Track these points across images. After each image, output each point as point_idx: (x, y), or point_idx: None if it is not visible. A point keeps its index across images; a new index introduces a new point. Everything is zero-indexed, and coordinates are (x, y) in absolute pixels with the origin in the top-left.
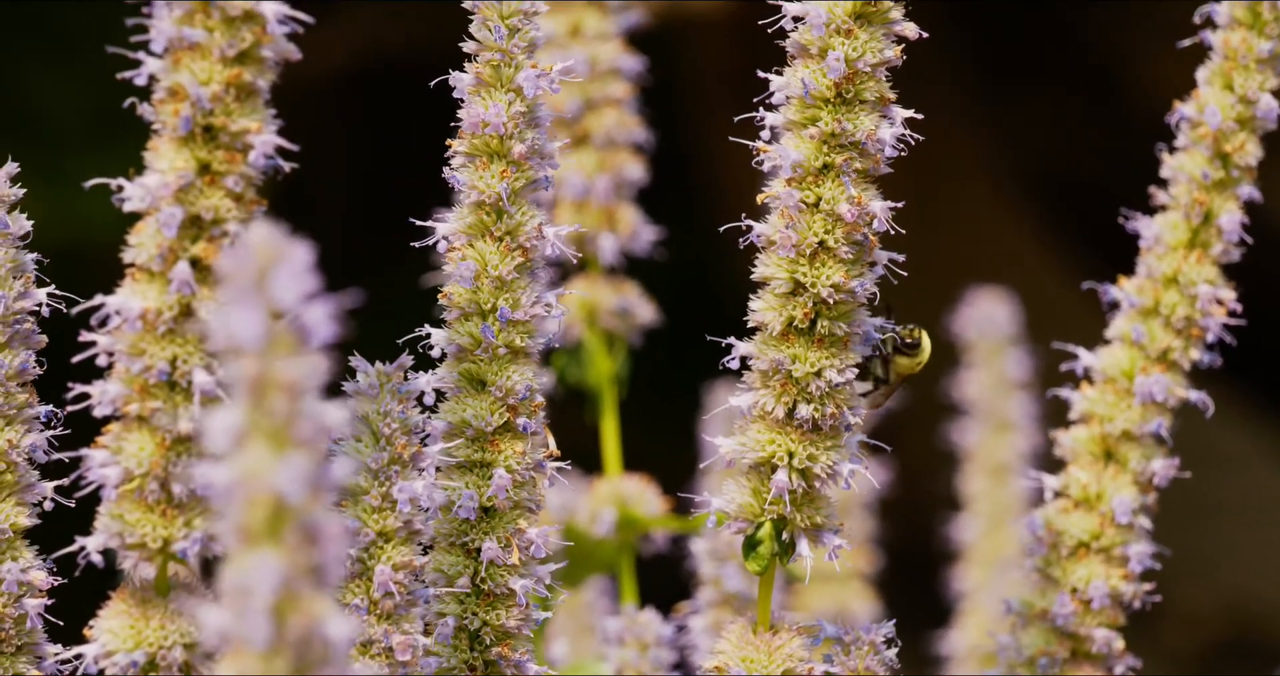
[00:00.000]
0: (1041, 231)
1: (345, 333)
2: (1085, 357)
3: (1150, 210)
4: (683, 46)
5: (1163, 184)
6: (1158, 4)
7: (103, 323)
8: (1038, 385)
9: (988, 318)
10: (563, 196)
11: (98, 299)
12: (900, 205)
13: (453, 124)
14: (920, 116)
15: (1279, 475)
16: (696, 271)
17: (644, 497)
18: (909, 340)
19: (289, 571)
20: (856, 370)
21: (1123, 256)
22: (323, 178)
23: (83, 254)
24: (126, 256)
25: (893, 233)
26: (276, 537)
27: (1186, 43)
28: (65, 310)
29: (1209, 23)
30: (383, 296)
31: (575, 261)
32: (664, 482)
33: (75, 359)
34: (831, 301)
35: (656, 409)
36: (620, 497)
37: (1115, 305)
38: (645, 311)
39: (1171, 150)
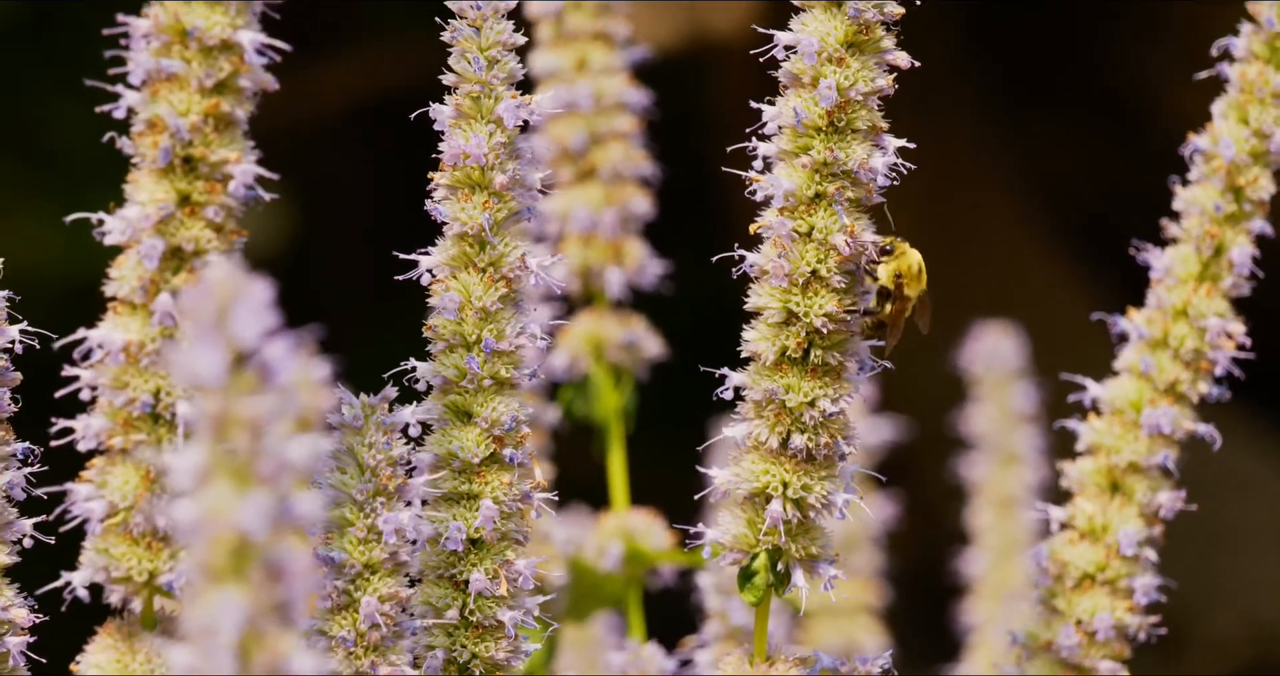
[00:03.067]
0: (1061, 257)
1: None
2: (1093, 389)
3: (1162, 242)
4: (705, 75)
5: (1175, 216)
6: (1178, 32)
7: (86, 356)
8: (1049, 416)
9: (994, 351)
10: (569, 230)
11: (80, 332)
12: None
13: (434, 156)
14: (913, 145)
15: None
16: (716, 303)
17: (651, 531)
18: (886, 246)
19: (253, 608)
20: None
21: (1142, 283)
22: (340, 207)
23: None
24: (108, 289)
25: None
26: (241, 575)
27: (1203, 75)
28: (40, 345)
29: (1226, 55)
30: (410, 320)
31: (581, 294)
32: (671, 516)
33: (59, 393)
34: (825, 331)
35: (664, 442)
36: (627, 531)
37: (1124, 337)
38: (652, 345)
39: (1185, 182)
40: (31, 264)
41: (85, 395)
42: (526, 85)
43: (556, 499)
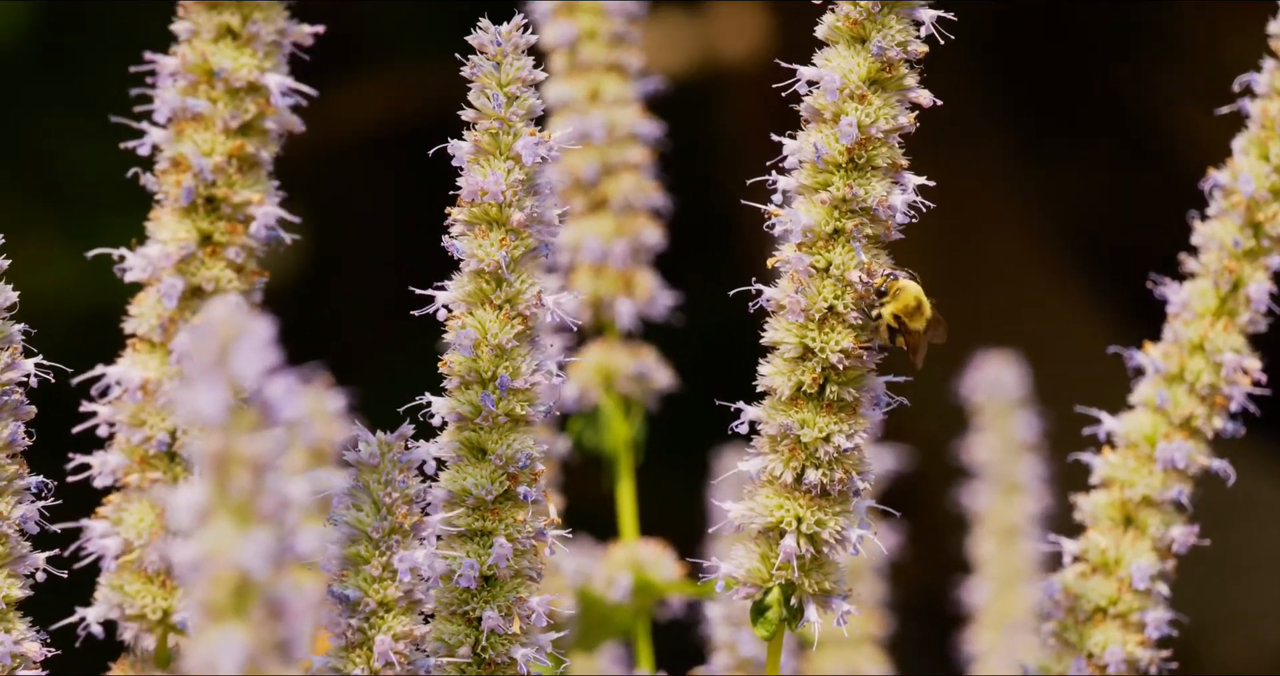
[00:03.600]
0: (1077, 287)
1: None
2: (1108, 422)
3: (1180, 276)
4: (715, 103)
5: (1193, 250)
6: (1196, 62)
7: (104, 393)
8: (1059, 446)
9: (996, 380)
10: (580, 261)
11: (98, 369)
12: (911, 272)
13: (451, 192)
14: (932, 183)
15: None
16: (727, 333)
17: (660, 562)
18: (881, 287)
19: (254, 647)
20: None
21: (1159, 315)
22: (361, 234)
23: (114, 315)
24: (127, 327)
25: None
26: (241, 613)
27: (1224, 110)
28: (53, 378)
29: (1248, 91)
30: (432, 346)
31: (592, 325)
32: (680, 547)
33: (76, 429)
34: (840, 367)
35: (674, 473)
36: (636, 562)
37: (1140, 370)
38: (662, 376)
39: (1204, 217)
40: (45, 292)
41: (103, 431)
42: (540, 116)
43: (569, 534)
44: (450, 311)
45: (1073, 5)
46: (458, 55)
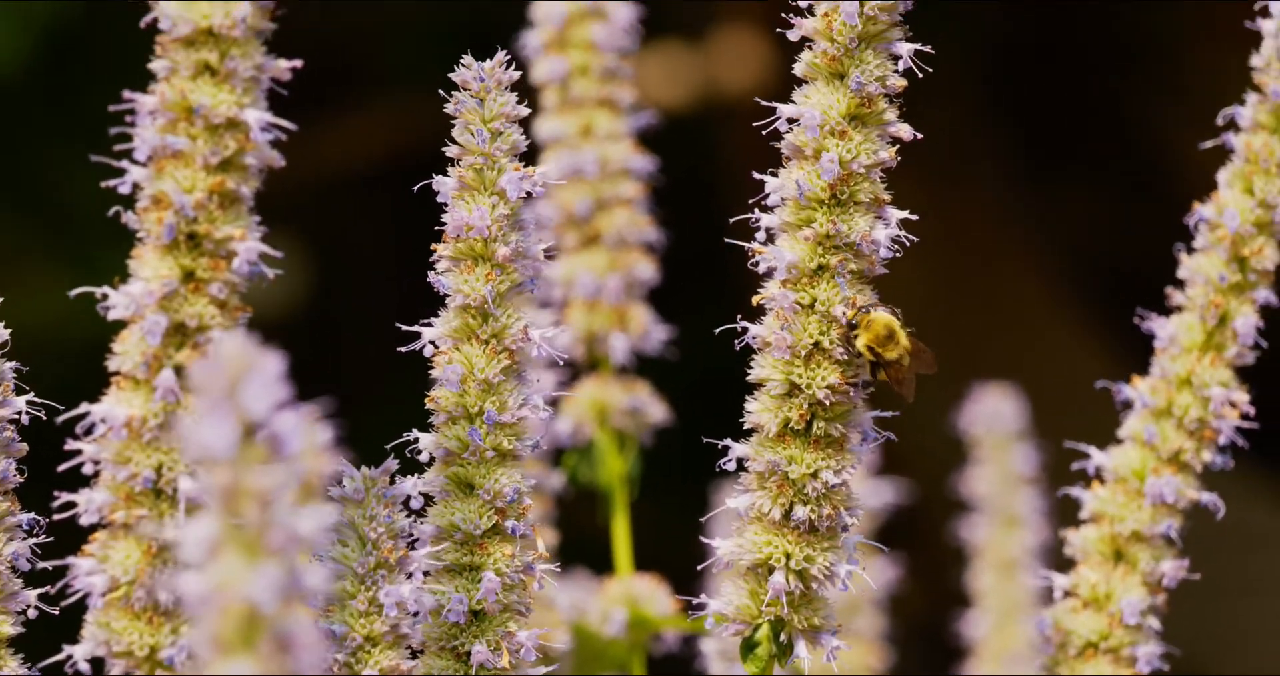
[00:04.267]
0: (1079, 318)
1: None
2: (1097, 457)
3: (1167, 310)
4: (716, 136)
5: (1180, 284)
6: (1198, 93)
7: (89, 430)
8: (1058, 479)
9: (995, 413)
10: (574, 296)
11: (83, 407)
12: (897, 309)
13: (437, 228)
14: (915, 217)
15: None
16: (723, 368)
17: (655, 597)
18: (851, 320)
19: None
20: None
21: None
22: (366, 264)
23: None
24: (111, 364)
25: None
26: (250, 646)
27: (1209, 144)
28: (44, 415)
29: (1232, 124)
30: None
31: (586, 360)
32: (675, 581)
33: (61, 467)
34: (828, 403)
35: (668, 507)
36: (631, 597)
37: (1129, 404)
38: (657, 411)
39: (1190, 251)
40: (41, 325)
41: (88, 469)
42: (532, 151)
43: (560, 565)
44: (437, 347)
45: (1076, 36)
46: (441, 92)
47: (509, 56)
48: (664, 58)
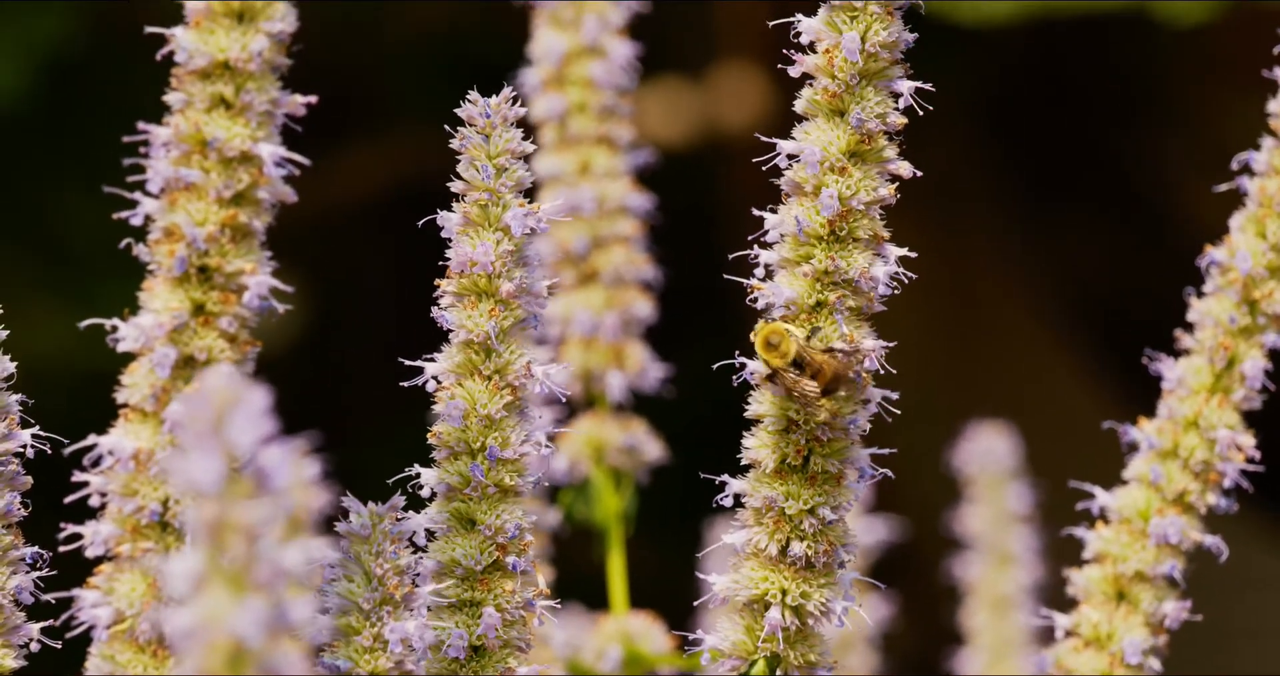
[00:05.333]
0: (1078, 355)
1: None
2: (1102, 497)
3: (1175, 351)
4: (718, 172)
5: (1189, 326)
6: (1198, 129)
7: (96, 462)
8: (1059, 518)
9: (989, 451)
10: (571, 334)
11: (90, 439)
12: (893, 344)
13: (440, 263)
14: (914, 254)
15: None
16: (722, 404)
17: (650, 634)
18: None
19: None
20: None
21: (1160, 384)
22: (372, 296)
23: (112, 380)
24: (120, 396)
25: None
26: None
27: (1223, 187)
28: (49, 449)
29: (1246, 169)
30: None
31: (582, 397)
32: (671, 619)
33: (68, 499)
34: (825, 439)
35: (664, 544)
36: (626, 634)
37: (1134, 445)
38: (653, 449)
39: (1200, 294)
40: (46, 355)
41: (95, 501)
42: (530, 188)
43: (556, 602)
44: (440, 382)
45: (1075, 74)
46: (447, 127)
47: (513, 93)
48: (664, 94)
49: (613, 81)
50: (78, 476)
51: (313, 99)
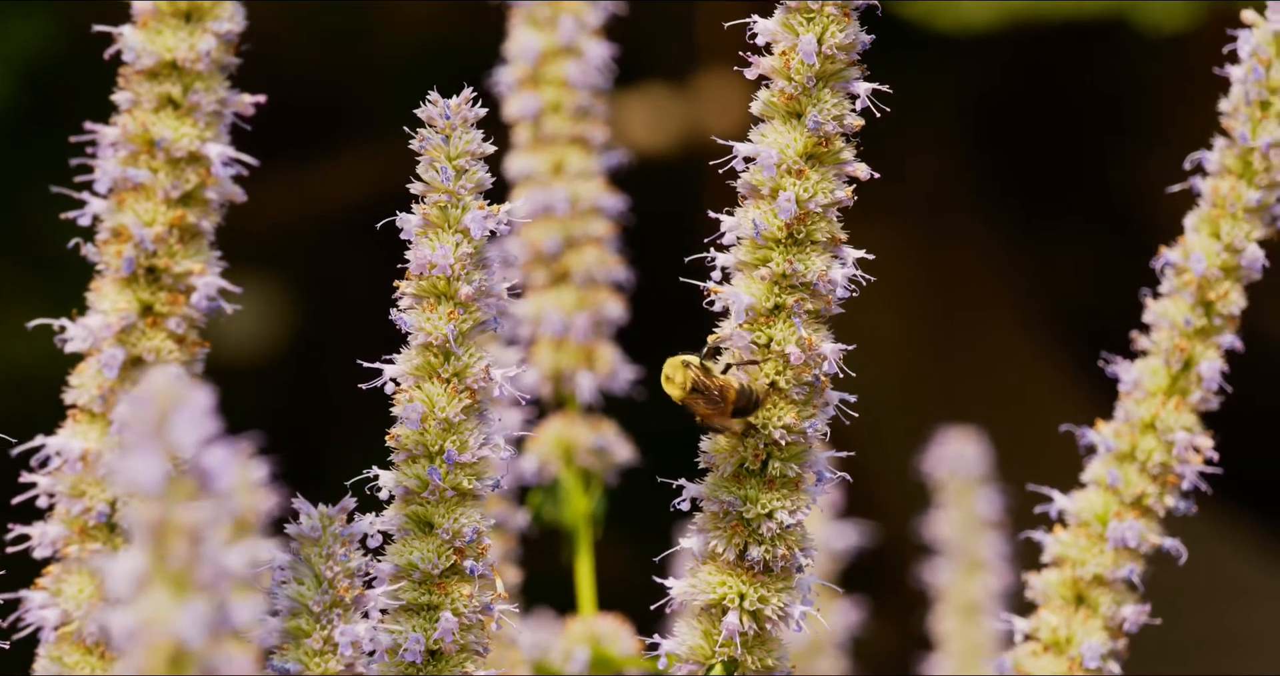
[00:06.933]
0: (1064, 365)
1: None
2: (1060, 501)
3: (1131, 354)
4: (700, 178)
5: (1145, 328)
6: (1184, 143)
7: (44, 463)
8: (1025, 523)
9: (959, 456)
10: (541, 334)
11: (38, 440)
12: (851, 347)
13: (400, 266)
14: (872, 257)
15: None
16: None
17: (617, 637)
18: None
19: None
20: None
21: None
22: (357, 302)
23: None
24: (68, 397)
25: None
26: None
27: (1175, 188)
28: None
29: (1199, 169)
30: None
31: (553, 398)
32: (639, 621)
33: (15, 500)
34: (783, 443)
35: (633, 546)
36: (594, 637)
37: (1092, 449)
38: (623, 450)
39: (1156, 295)
40: (31, 362)
41: (42, 502)
42: (503, 187)
43: (523, 604)
44: (398, 384)
45: (1063, 89)
46: (406, 128)
47: (477, 93)
48: (648, 100)
49: (588, 82)
50: (25, 477)
51: (260, 98)
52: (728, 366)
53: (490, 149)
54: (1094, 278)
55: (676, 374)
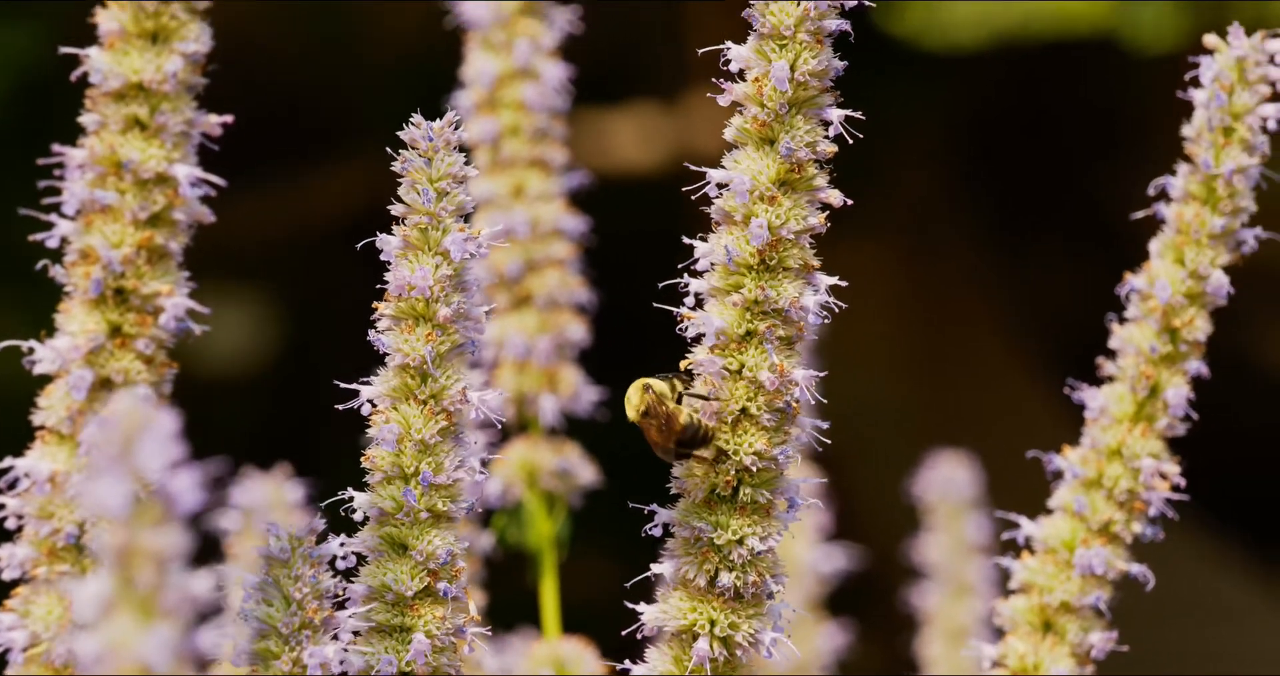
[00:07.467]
0: (1049, 387)
1: None
2: (1027, 527)
3: (1098, 380)
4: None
5: (1111, 354)
6: (1170, 164)
7: (13, 485)
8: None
9: (948, 481)
10: (504, 357)
11: (7, 461)
12: (823, 374)
13: (378, 287)
14: (844, 283)
15: (1278, 627)
16: None
17: (582, 659)
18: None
19: None
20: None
21: None
22: (347, 318)
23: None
24: (36, 418)
25: (901, 380)
26: None
27: (1140, 215)
28: None
29: (1163, 195)
30: None
31: (516, 421)
32: (609, 645)
33: None
34: (754, 469)
35: (599, 568)
36: (559, 659)
37: (1059, 474)
38: (586, 472)
39: (1122, 321)
40: (14, 377)
41: (11, 524)
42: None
43: (490, 627)
44: (375, 406)
45: (1052, 107)
46: (389, 149)
47: (459, 118)
48: (638, 119)
49: (546, 104)
50: None
51: (228, 118)
52: (681, 397)
53: (473, 172)
54: (1083, 295)
55: (635, 395)
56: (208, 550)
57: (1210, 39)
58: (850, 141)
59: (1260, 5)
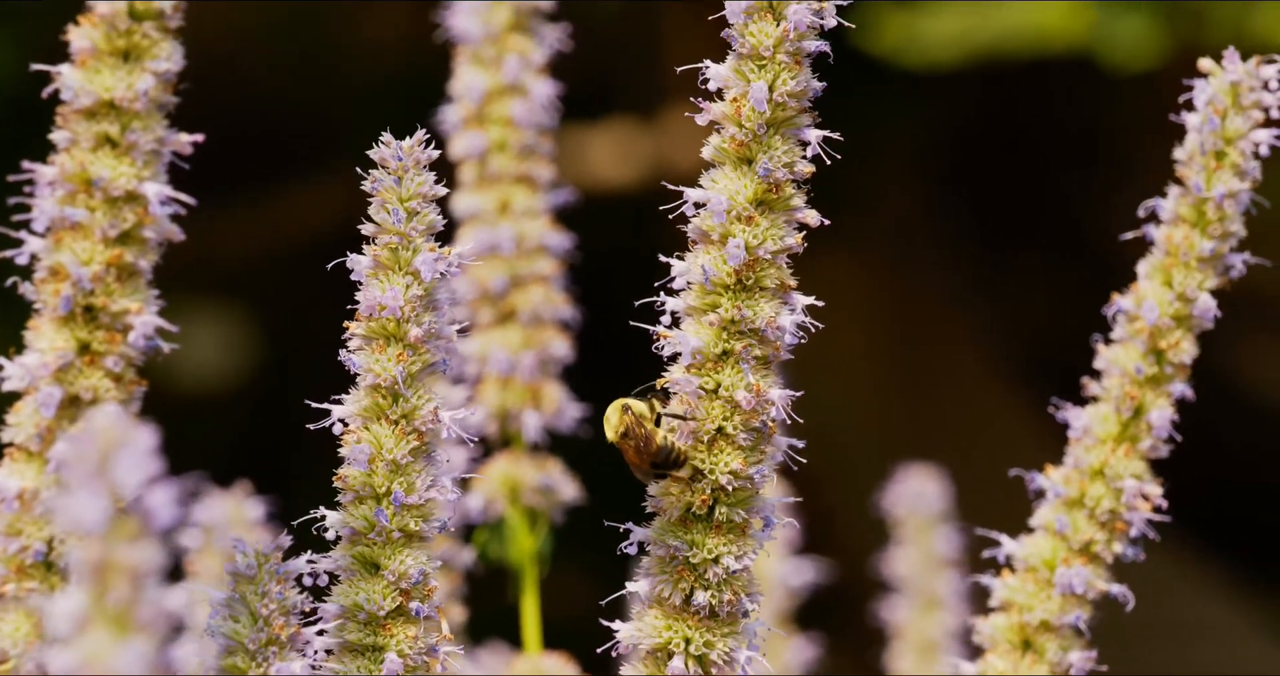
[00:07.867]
0: (1033, 405)
1: None
2: (1008, 545)
3: (1082, 400)
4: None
5: (1096, 374)
6: (1149, 181)
7: None
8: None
9: (918, 494)
10: (488, 372)
11: None
12: (799, 394)
13: (349, 306)
14: (821, 304)
15: (1260, 648)
16: None
17: (563, 675)
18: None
19: None
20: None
21: None
22: (324, 334)
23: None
24: (4, 435)
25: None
26: None
27: (1129, 236)
28: None
29: (1153, 216)
30: None
31: (499, 437)
32: (585, 660)
33: None
34: (730, 488)
35: (580, 583)
36: (540, 674)
37: (1041, 493)
38: (569, 489)
39: (1108, 341)
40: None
41: None
42: (449, 226)
43: (468, 642)
44: (346, 425)
45: (1031, 125)
46: (359, 169)
47: (429, 134)
48: (615, 135)
49: (533, 120)
50: None
51: (199, 137)
52: (659, 418)
53: (443, 191)
54: (1061, 314)
55: (614, 416)
56: (167, 567)
57: (1205, 63)
58: (829, 161)
59: (1236, 26)
